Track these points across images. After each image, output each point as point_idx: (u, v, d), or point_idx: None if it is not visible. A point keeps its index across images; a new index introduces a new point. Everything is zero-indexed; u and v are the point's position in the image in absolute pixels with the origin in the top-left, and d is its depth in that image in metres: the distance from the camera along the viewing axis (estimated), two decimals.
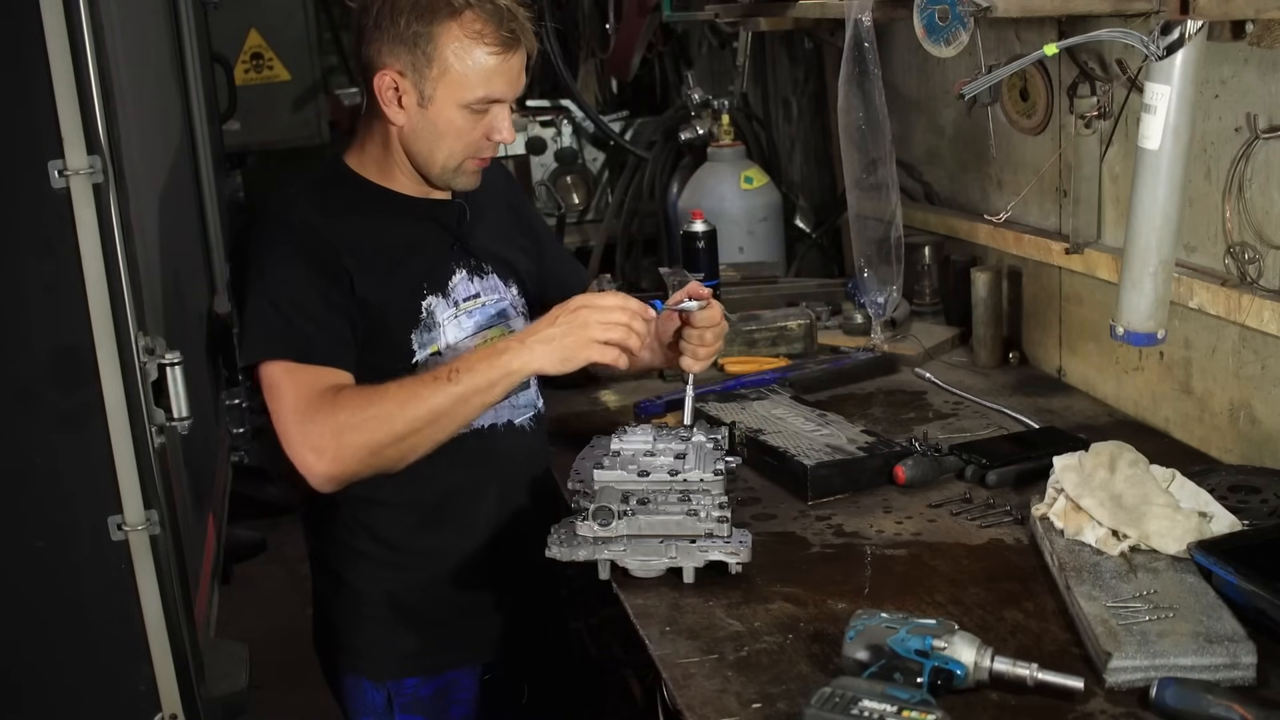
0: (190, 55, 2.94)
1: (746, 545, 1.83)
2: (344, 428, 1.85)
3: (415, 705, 2.14)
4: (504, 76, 1.96)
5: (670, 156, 4.11)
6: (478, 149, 2.03)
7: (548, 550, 1.81)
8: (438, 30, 1.92)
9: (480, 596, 2.15)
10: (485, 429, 2.12)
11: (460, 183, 2.07)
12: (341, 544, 2.14)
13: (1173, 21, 1.79)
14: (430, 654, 2.14)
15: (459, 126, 1.98)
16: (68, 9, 1.52)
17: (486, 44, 1.92)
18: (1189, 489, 1.85)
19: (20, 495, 1.66)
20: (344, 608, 2.17)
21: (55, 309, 1.61)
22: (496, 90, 1.96)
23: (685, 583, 1.81)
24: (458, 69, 1.93)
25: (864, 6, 2.53)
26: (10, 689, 1.72)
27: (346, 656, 2.17)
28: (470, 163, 2.04)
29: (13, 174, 1.57)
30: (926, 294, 3.13)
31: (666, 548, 1.82)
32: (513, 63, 1.97)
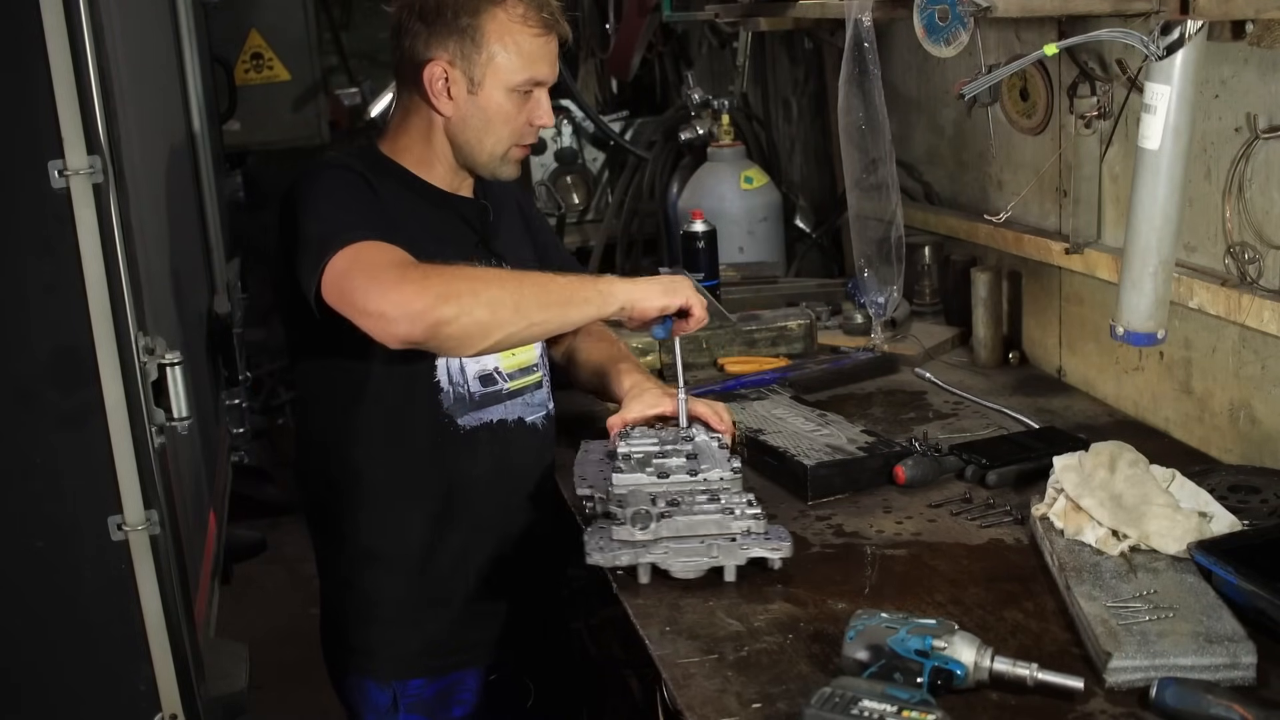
0: (190, 55, 2.93)
1: (787, 541, 1.84)
2: (469, 277, 1.87)
3: (419, 705, 2.15)
4: (546, 59, 2.05)
5: (670, 156, 4.11)
6: (522, 134, 2.09)
7: (588, 558, 1.80)
8: (484, 18, 2.00)
9: (486, 597, 2.15)
10: (496, 423, 2.13)
11: (505, 171, 2.13)
12: (348, 543, 2.14)
13: (1173, 21, 1.79)
14: (436, 655, 2.15)
15: (507, 111, 2.05)
16: (68, 9, 1.52)
17: (530, 27, 2.02)
18: (1189, 489, 1.85)
19: (20, 495, 1.66)
20: (350, 608, 2.17)
21: (55, 309, 1.61)
22: (540, 72, 2.05)
23: (727, 581, 1.81)
24: (505, 53, 2.01)
25: (864, 6, 2.53)
26: (10, 689, 1.72)
27: (353, 657, 2.18)
28: (516, 150, 2.11)
29: (13, 174, 1.57)
30: (926, 294, 3.13)
31: (708, 547, 1.82)
32: (552, 45, 2.06)
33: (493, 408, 2.13)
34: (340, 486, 2.14)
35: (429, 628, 2.14)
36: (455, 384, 2.09)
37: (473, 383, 2.11)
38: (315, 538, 2.23)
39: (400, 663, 2.14)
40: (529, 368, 2.19)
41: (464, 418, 2.11)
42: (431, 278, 1.83)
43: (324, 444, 2.16)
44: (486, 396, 2.13)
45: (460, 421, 2.10)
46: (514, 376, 2.16)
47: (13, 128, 1.56)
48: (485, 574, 2.15)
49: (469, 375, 2.11)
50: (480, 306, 1.83)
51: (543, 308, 1.89)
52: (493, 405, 2.13)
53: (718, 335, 2.88)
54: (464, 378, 2.10)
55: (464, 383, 2.10)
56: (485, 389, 2.12)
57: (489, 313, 1.84)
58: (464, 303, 1.82)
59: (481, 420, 2.11)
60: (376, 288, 1.82)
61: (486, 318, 1.83)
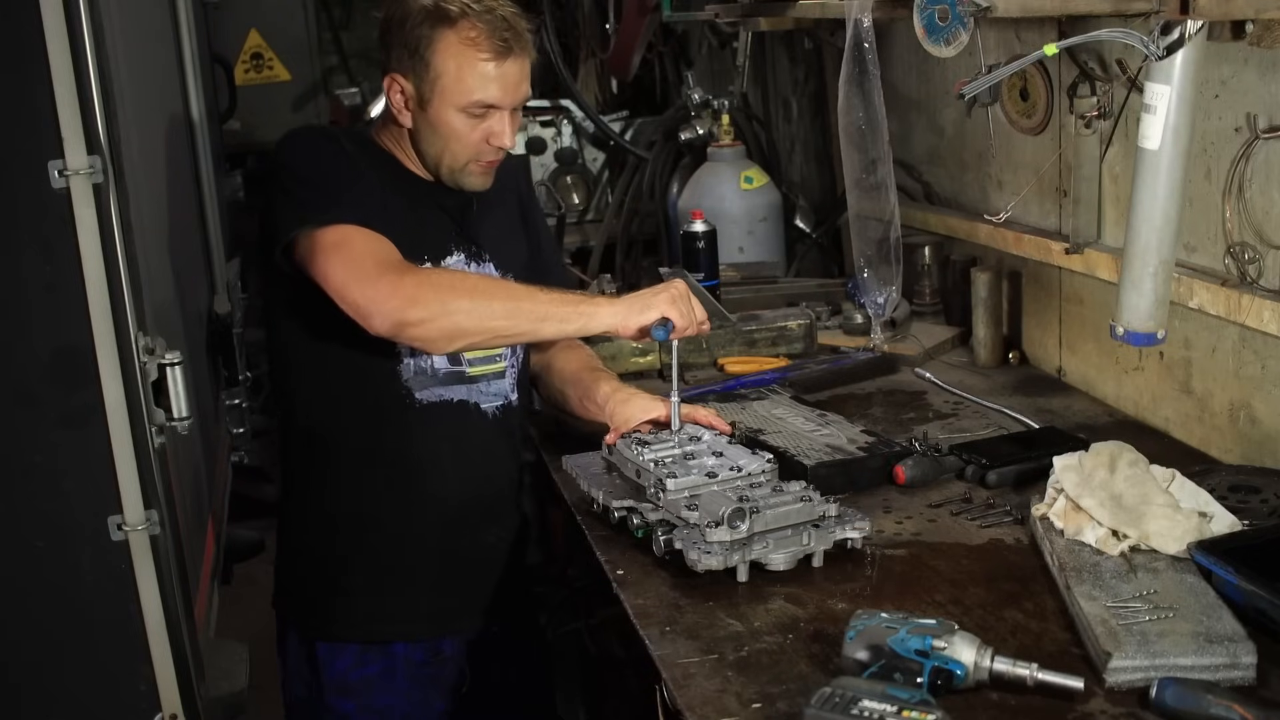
0: (190, 55, 2.93)
1: (866, 520, 1.88)
2: (441, 285, 1.96)
3: (351, 673, 2.20)
4: (498, 83, 2.06)
5: (670, 156, 4.11)
6: (478, 152, 2.12)
7: (697, 565, 1.79)
8: (436, 37, 2.03)
9: (433, 572, 2.20)
10: (456, 403, 2.18)
11: (468, 183, 2.16)
12: (310, 506, 2.22)
13: (1173, 21, 1.79)
14: (369, 623, 2.19)
15: (457, 129, 2.08)
16: (68, 9, 1.52)
17: (480, 51, 2.03)
18: (1189, 489, 1.85)
19: (20, 495, 1.66)
20: (303, 569, 2.25)
21: (55, 309, 1.61)
22: (491, 96, 2.06)
23: (815, 567, 1.85)
24: (453, 73, 2.04)
25: (864, 6, 2.53)
26: (10, 689, 1.72)
27: (299, 616, 2.25)
28: (474, 165, 2.13)
29: (13, 174, 1.57)
30: (926, 294, 3.13)
31: (799, 535, 1.84)
32: (507, 69, 2.06)
33: (455, 387, 2.18)
34: (306, 448, 2.21)
35: (362, 594, 2.19)
36: (418, 357, 2.14)
37: (438, 359, 2.15)
38: (281, 498, 2.30)
39: (343, 625, 2.20)
40: (492, 357, 2.22)
41: (422, 392, 2.16)
42: (406, 280, 1.93)
43: (294, 406, 2.22)
44: (450, 375, 2.17)
45: (418, 395, 2.15)
46: (475, 363, 2.20)
47: (13, 128, 1.56)
48: (434, 549, 2.20)
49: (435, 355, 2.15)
50: (446, 315, 1.93)
51: (511, 321, 1.98)
52: (455, 385, 2.18)
53: (718, 335, 2.88)
54: (429, 354, 2.14)
55: (428, 358, 2.15)
56: (450, 367, 2.17)
57: (452, 323, 1.94)
58: (431, 309, 1.92)
59: (440, 397, 2.16)
60: (355, 279, 1.92)
61: (450, 327, 1.94)
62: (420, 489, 2.18)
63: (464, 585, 2.24)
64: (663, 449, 2.04)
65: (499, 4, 2.07)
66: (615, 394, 2.21)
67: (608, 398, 2.21)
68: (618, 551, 1.96)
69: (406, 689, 2.22)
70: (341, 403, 2.16)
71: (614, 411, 2.18)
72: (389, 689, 2.22)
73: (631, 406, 2.17)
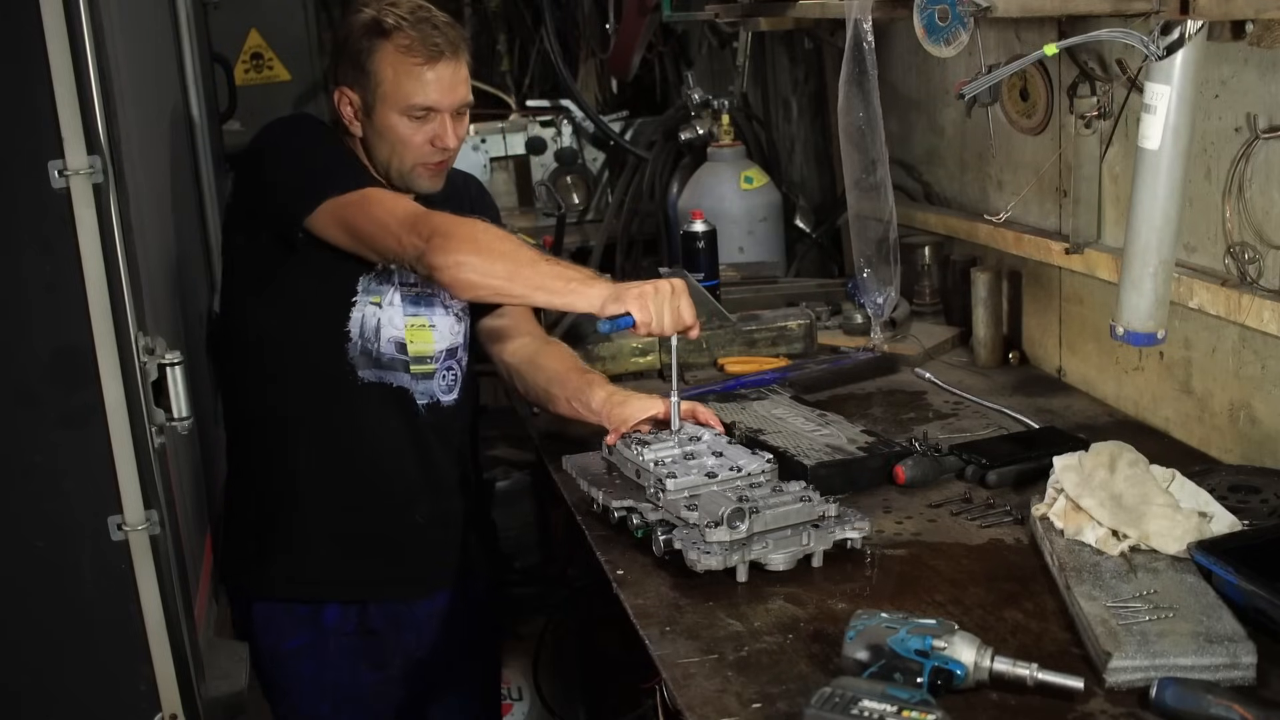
0: (190, 55, 2.93)
1: (866, 520, 1.89)
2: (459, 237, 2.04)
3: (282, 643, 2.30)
4: (434, 85, 2.19)
5: (670, 156, 4.10)
6: (424, 155, 2.23)
7: (697, 565, 1.80)
8: (375, 48, 2.18)
9: (351, 539, 2.29)
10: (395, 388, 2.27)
11: (418, 185, 2.27)
12: (258, 475, 2.32)
13: (1173, 21, 1.79)
14: (297, 583, 2.29)
15: (401, 134, 2.21)
16: (68, 9, 1.52)
17: (414, 57, 2.17)
18: (1189, 489, 1.85)
19: (20, 495, 1.66)
20: (231, 529, 2.36)
21: (55, 309, 1.61)
22: (428, 98, 2.19)
23: (815, 567, 1.85)
24: (390, 80, 2.18)
25: (864, 7, 2.53)
26: (11, 688, 1.72)
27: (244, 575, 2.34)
28: (420, 168, 2.25)
29: (13, 174, 1.57)
30: (926, 294, 3.12)
31: (798, 535, 1.84)
32: (441, 71, 2.19)
33: (398, 374, 2.27)
34: (250, 420, 2.34)
35: (302, 555, 2.28)
36: (366, 339, 2.24)
37: (385, 345, 2.25)
38: (229, 473, 2.41)
39: (273, 583, 2.29)
40: (424, 358, 2.30)
41: (364, 371, 2.25)
42: (427, 225, 2.04)
43: (241, 377, 2.34)
44: (394, 361, 2.26)
45: (360, 374, 2.25)
46: (414, 361, 2.29)
47: (13, 128, 1.57)
48: (361, 519, 2.28)
49: (383, 338, 2.25)
50: (457, 266, 2.01)
51: (508, 283, 2.05)
52: (399, 372, 2.27)
53: (718, 335, 2.88)
54: (376, 338, 2.24)
55: (375, 341, 2.24)
56: (396, 354, 2.26)
57: (462, 274, 2.02)
58: (447, 258, 2.01)
59: (380, 379, 2.26)
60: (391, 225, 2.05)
61: (461, 278, 2.03)
62: (352, 461, 2.27)
63: (391, 556, 2.32)
64: (663, 449, 2.04)
65: (432, 14, 2.21)
66: (611, 397, 2.25)
67: (604, 402, 2.24)
68: (618, 551, 1.96)
69: (335, 660, 2.31)
70: (288, 373, 2.26)
71: (610, 414, 2.21)
72: (317, 659, 2.31)
73: (629, 407, 2.20)
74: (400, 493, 2.31)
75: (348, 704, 2.35)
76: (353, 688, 2.34)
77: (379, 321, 2.24)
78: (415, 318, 2.28)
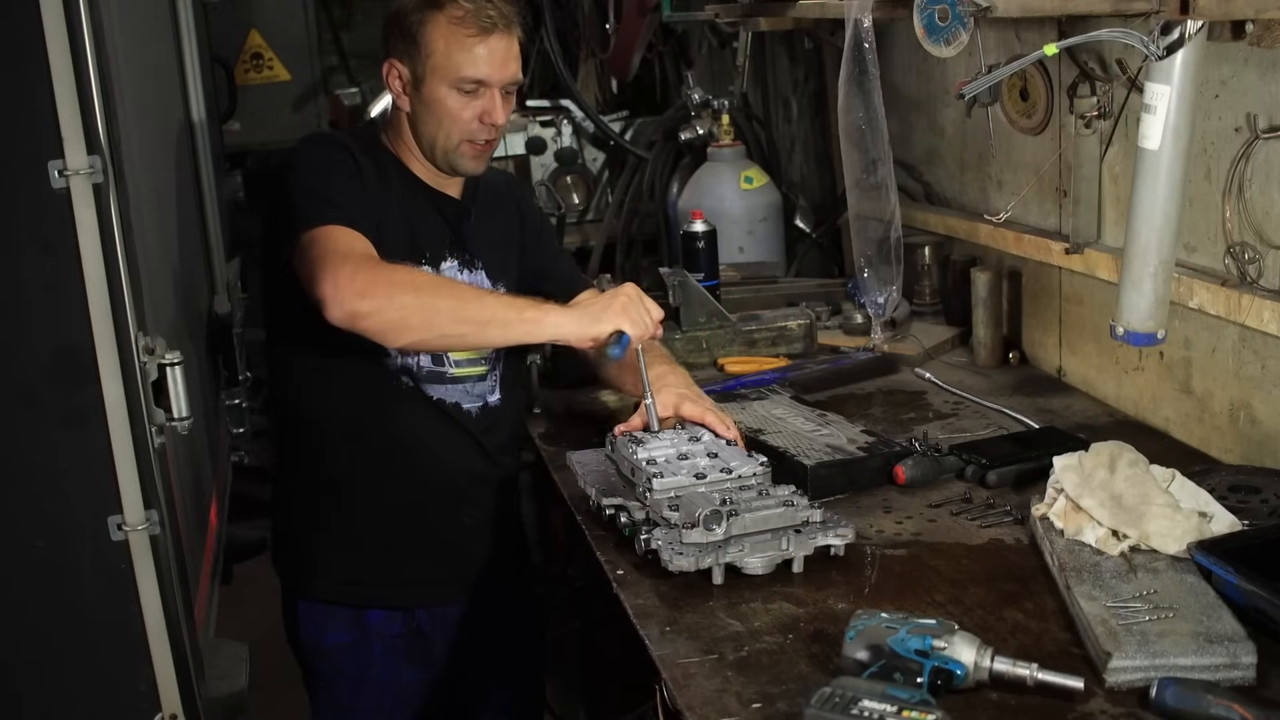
0: (190, 55, 2.93)
1: (850, 527, 1.87)
2: (394, 282, 1.99)
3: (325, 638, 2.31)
4: (486, 59, 2.16)
5: (670, 156, 4.11)
6: (471, 131, 2.20)
7: (670, 564, 1.80)
8: (427, 19, 2.15)
9: (398, 543, 2.28)
10: (435, 400, 2.25)
11: (462, 165, 2.24)
12: (300, 471, 2.32)
13: (1173, 21, 1.79)
14: (343, 585, 2.28)
15: (450, 107, 2.17)
16: (68, 9, 1.52)
17: (466, 29, 2.14)
18: (1189, 489, 1.85)
19: (20, 495, 1.66)
20: (282, 523, 2.37)
21: (55, 309, 1.61)
22: (480, 71, 2.16)
23: (795, 572, 1.84)
24: (442, 51, 2.15)
25: (864, 6, 2.53)
26: (10, 689, 1.71)
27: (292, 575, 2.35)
28: (466, 146, 2.21)
29: (13, 174, 1.57)
30: (926, 294, 3.13)
31: (777, 540, 1.83)
32: (493, 45, 2.16)
33: (435, 386, 2.25)
34: (297, 421, 2.32)
35: (350, 559, 2.28)
36: (407, 355, 2.22)
37: (423, 358, 2.23)
38: (277, 464, 2.39)
39: (320, 584, 2.30)
40: (475, 359, 2.28)
41: (406, 378, 2.23)
42: (361, 274, 1.98)
43: (289, 383, 2.31)
44: (432, 374, 2.24)
45: (403, 380, 2.23)
46: (460, 365, 2.26)
47: (13, 128, 1.56)
48: (410, 523, 2.27)
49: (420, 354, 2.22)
50: (392, 310, 1.98)
51: (455, 323, 2.01)
52: (435, 384, 2.25)
53: (718, 335, 2.88)
54: (415, 353, 2.21)
55: (414, 357, 2.22)
56: (433, 367, 2.24)
57: (399, 317, 1.98)
58: (378, 303, 1.97)
59: (422, 390, 2.24)
60: (320, 271, 1.98)
61: (397, 321, 1.98)
62: (399, 468, 2.26)
63: (440, 560, 2.31)
64: (657, 448, 2.04)
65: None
66: (664, 377, 2.22)
67: (659, 378, 2.20)
68: (617, 551, 1.96)
69: (380, 658, 2.30)
70: (334, 377, 2.24)
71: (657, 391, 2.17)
72: (361, 657, 2.30)
73: (665, 394, 2.18)
74: (448, 495, 2.29)
75: (390, 699, 2.34)
76: (396, 685, 2.33)
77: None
78: None
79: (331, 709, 2.37)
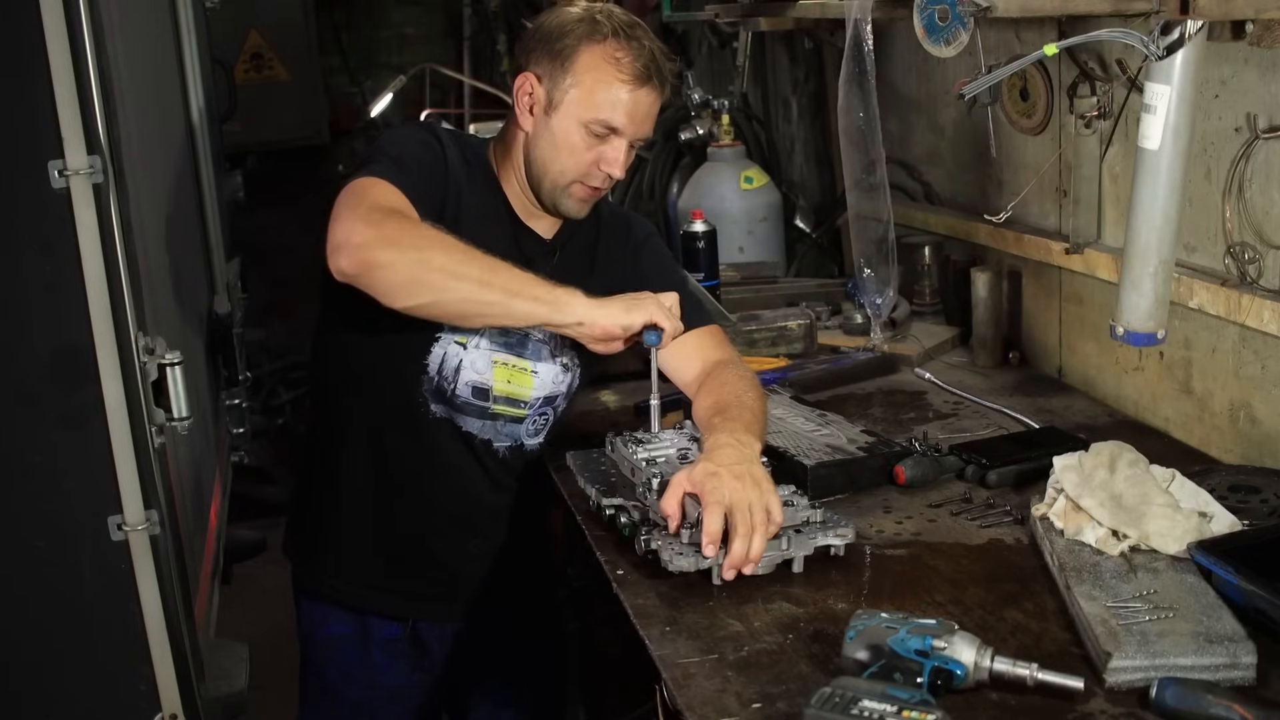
0: (190, 55, 2.93)
1: (850, 527, 1.86)
2: (425, 236, 1.88)
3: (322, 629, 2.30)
4: (626, 108, 2.05)
5: (670, 156, 4.11)
6: (587, 174, 2.09)
7: (670, 565, 1.78)
8: (582, 47, 2.04)
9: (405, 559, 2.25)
10: (464, 432, 2.18)
11: (566, 206, 2.12)
12: (318, 471, 2.29)
13: (1173, 21, 1.79)
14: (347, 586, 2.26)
15: (574, 143, 2.06)
16: (68, 9, 1.52)
17: (620, 71, 2.03)
18: (1189, 489, 1.85)
19: (20, 495, 1.66)
20: (309, 526, 2.34)
21: (55, 309, 1.61)
22: (616, 119, 2.05)
23: (795, 572, 1.83)
24: (586, 85, 2.04)
25: (864, 7, 2.53)
26: (10, 689, 1.72)
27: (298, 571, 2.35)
28: (578, 187, 2.10)
29: (13, 174, 1.57)
30: (926, 294, 3.12)
31: (777, 540, 1.82)
32: (640, 98, 2.06)
33: (469, 418, 2.16)
34: (325, 420, 2.28)
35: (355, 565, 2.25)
36: (444, 377, 2.12)
37: (462, 388, 2.13)
38: (303, 456, 2.39)
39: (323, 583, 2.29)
40: (518, 402, 2.19)
41: (435, 406, 2.15)
42: (389, 222, 1.86)
43: (325, 382, 2.28)
44: (468, 406, 2.15)
45: (433, 408, 2.15)
46: (500, 401, 2.17)
47: (13, 128, 1.56)
48: (416, 543, 2.24)
49: (461, 380, 2.12)
50: (417, 264, 1.85)
51: (482, 288, 1.88)
52: (471, 416, 2.16)
53: None
54: (455, 379, 2.12)
55: (452, 382, 2.12)
56: (473, 400, 2.15)
57: (423, 271, 1.85)
58: (404, 254, 1.84)
59: (451, 418, 2.16)
60: (345, 215, 1.87)
61: (420, 275, 1.85)
62: (413, 490, 2.20)
63: (436, 579, 2.28)
64: (657, 448, 2.03)
65: (649, 37, 2.09)
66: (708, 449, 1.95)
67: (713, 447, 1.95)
68: (617, 551, 1.96)
69: (377, 656, 2.28)
70: (363, 390, 2.18)
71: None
72: (356, 651, 2.28)
73: (689, 467, 1.90)
74: (458, 525, 2.24)
75: (381, 696, 2.31)
76: (389, 683, 2.31)
77: (460, 363, 2.11)
78: (514, 361, 2.16)
79: (318, 693, 2.34)
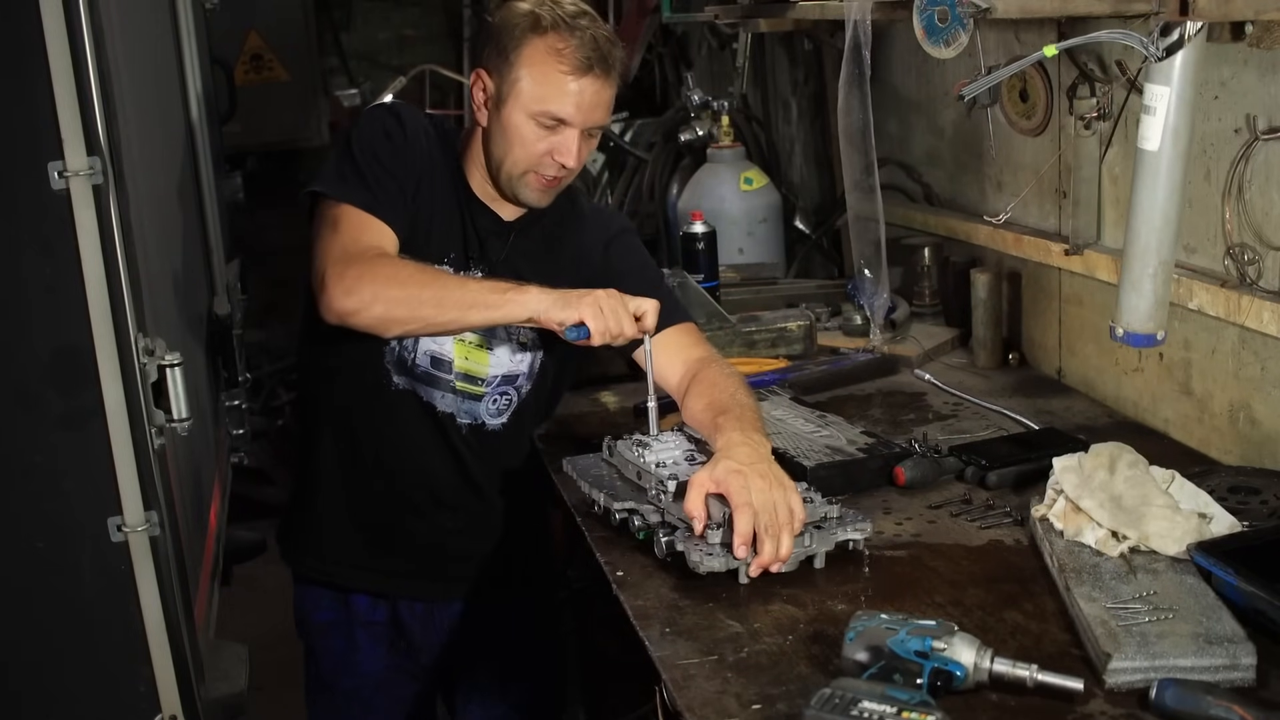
0: (190, 56, 2.93)
1: (868, 522, 1.88)
2: (379, 276, 2.01)
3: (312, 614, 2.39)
4: (573, 99, 2.07)
5: (670, 158, 4.11)
6: (540, 164, 2.13)
7: (700, 566, 1.78)
8: (525, 42, 2.08)
9: (382, 536, 2.32)
10: (425, 400, 2.24)
11: (525, 195, 2.18)
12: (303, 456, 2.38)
13: (1172, 23, 1.79)
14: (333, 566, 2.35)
15: (524, 135, 2.10)
16: (68, 9, 1.52)
17: (561, 63, 2.06)
18: (1189, 490, 1.85)
19: (20, 495, 1.66)
20: (295, 508, 2.42)
21: (55, 309, 1.61)
22: (563, 110, 2.08)
23: (817, 568, 1.84)
24: (529, 78, 2.08)
25: (863, 8, 2.53)
26: (10, 689, 1.72)
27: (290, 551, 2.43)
28: (533, 177, 2.15)
29: (13, 174, 1.57)
30: (926, 295, 3.12)
31: (800, 537, 1.82)
32: (584, 86, 2.08)
33: (431, 389, 2.24)
34: (305, 406, 2.43)
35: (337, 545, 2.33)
36: (403, 345, 2.20)
37: (421, 358, 2.21)
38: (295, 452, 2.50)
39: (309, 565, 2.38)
40: (476, 379, 2.25)
41: (398, 378, 2.23)
42: (350, 270, 2.01)
43: (305, 367, 2.41)
44: (430, 377, 2.23)
45: (395, 379, 2.23)
46: (460, 379, 2.25)
47: (13, 128, 1.56)
48: (392, 518, 2.31)
49: (419, 349, 2.21)
50: (378, 303, 2.00)
51: (438, 309, 2.02)
52: (432, 388, 2.24)
53: (717, 337, 2.88)
54: (414, 348, 2.21)
55: (412, 351, 2.21)
56: (432, 370, 2.23)
57: (385, 310, 2.01)
58: (364, 298, 2.00)
59: (414, 389, 2.23)
60: (321, 259, 2.04)
61: (384, 315, 2.02)
62: (377, 461, 2.28)
63: (413, 555, 2.33)
64: (664, 451, 2.03)
65: (595, 25, 2.10)
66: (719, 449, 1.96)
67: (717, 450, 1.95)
68: (617, 553, 1.96)
69: (363, 642, 2.35)
70: (332, 367, 2.26)
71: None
72: (343, 638, 2.35)
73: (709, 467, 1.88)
74: (425, 498, 2.29)
75: (369, 685, 2.37)
76: (376, 671, 2.37)
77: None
78: (471, 338, 2.22)
79: (316, 685, 2.42)
